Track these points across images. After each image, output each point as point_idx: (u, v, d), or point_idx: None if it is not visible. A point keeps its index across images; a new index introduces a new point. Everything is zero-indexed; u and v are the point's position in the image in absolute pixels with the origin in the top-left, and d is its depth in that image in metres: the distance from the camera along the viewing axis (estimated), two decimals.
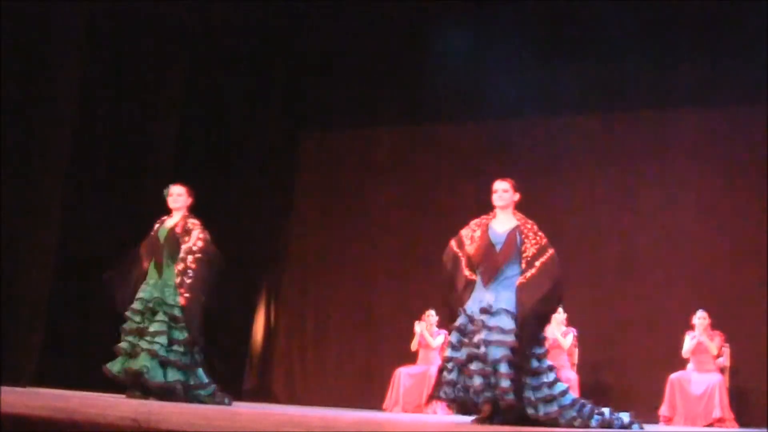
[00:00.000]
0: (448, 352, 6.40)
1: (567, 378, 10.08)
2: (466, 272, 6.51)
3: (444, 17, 11.29)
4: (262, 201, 12.46)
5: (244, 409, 7.12)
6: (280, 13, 11.63)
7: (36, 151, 10.06)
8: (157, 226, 8.11)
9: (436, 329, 10.70)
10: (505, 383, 6.10)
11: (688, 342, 9.84)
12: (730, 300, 10.32)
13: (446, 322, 7.52)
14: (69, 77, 10.33)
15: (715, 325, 9.91)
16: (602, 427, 6.34)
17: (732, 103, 10.73)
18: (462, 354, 6.28)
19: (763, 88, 10.14)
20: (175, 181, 8.30)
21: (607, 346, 10.80)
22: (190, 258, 7.87)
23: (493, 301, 6.29)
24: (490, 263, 6.43)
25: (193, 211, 8.22)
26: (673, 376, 9.78)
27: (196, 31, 11.49)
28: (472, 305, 6.38)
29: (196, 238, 7.97)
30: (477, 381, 6.16)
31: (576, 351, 10.39)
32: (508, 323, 6.22)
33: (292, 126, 12.87)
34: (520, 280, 6.37)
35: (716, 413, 9.43)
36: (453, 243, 6.68)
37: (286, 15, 11.67)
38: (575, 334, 10.34)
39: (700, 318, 9.87)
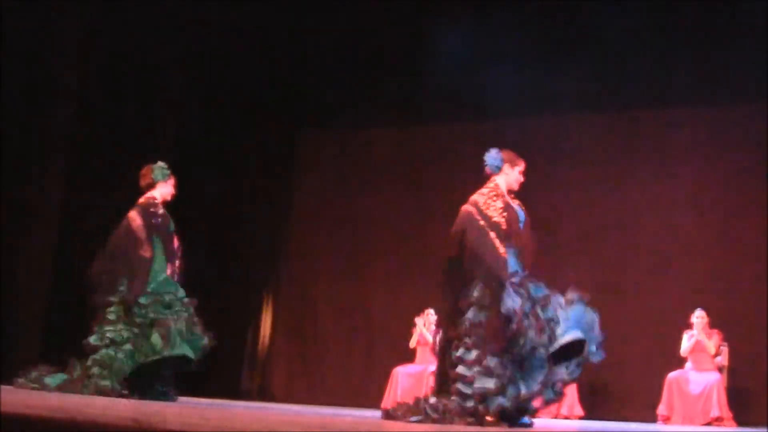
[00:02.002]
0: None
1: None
2: (501, 248, 5.94)
3: (443, 17, 11.29)
4: (261, 201, 12.48)
5: (243, 408, 7.12)
6: (278, 13, 11.63)
7: (34, 152, 10.08)
8: (162, 210, 7.52)
9: (435, 328, 10.71)
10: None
11: (686, 341, 9.85)
12: (728, 299, 10.34)
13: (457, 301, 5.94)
14: (67, 78, 10.34)
15: (714, 324, 9.93)
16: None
17: (731, 103, 10.75)
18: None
19: (762, 87, 10.14)
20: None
21: (606, 345, 10.77)
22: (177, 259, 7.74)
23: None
24: (524, 241, 6.05)
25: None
26: (671, 375, 9.79)
27: (194, 30, 11.49)
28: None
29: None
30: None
31: None
32: None
33: (290, 126, 12.88)
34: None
35: (714, 412, 9.44)
36: (473, 210, 6.09)
37: (285, 15, 11.67)
38: None
39: (698, 317, 9.88)
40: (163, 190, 7.59)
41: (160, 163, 7.67)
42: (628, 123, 11.36)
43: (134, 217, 7.41)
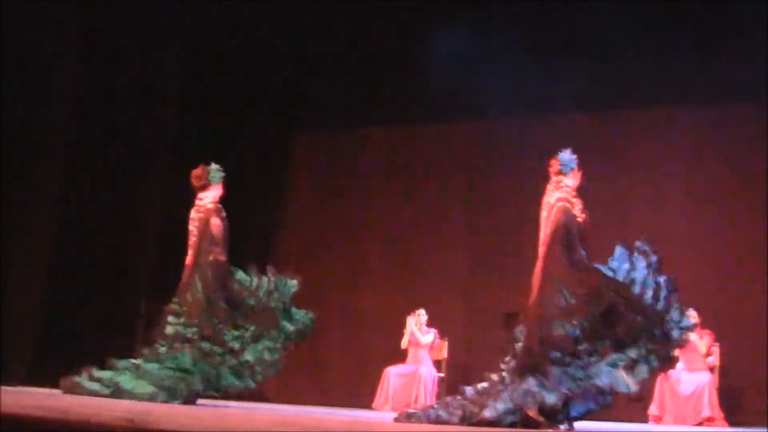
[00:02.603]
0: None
1: None
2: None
3: (437, 17, 11.31)
4: (255, 200, 12.48)
5: (235, 409, 7.17)
6: (274, 13, 11.66)
7: (33, 151, 10.11)
8: (225, 213, 7.75)
9: (426, 328, 10.74)
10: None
11: None
12: (720, 299, 10.35)
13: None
14: (64, 78, 10.38)
15: (705, 324, 9.95)
16: None
17: (729, 103, 10.73)
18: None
19: (761, 87, 10.14)
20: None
21: None
22: None
23: None
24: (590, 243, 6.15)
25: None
26: (663, 375, 9.80)
27: (190, 30, 11.52)
28: None
29: None
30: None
31: None
32: None
33: (284, 126, 12.87)
34: None
35: (705, 412, 9.43)
36: (570, 207, 6.37)
37: (280, 15, 11.70)
38: None
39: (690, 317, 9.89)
40: (215, 192, 7.78)
41: (214, 165, 7.82)
42: (627, 123, 11.35)
43: (216, 223, 7.60)
